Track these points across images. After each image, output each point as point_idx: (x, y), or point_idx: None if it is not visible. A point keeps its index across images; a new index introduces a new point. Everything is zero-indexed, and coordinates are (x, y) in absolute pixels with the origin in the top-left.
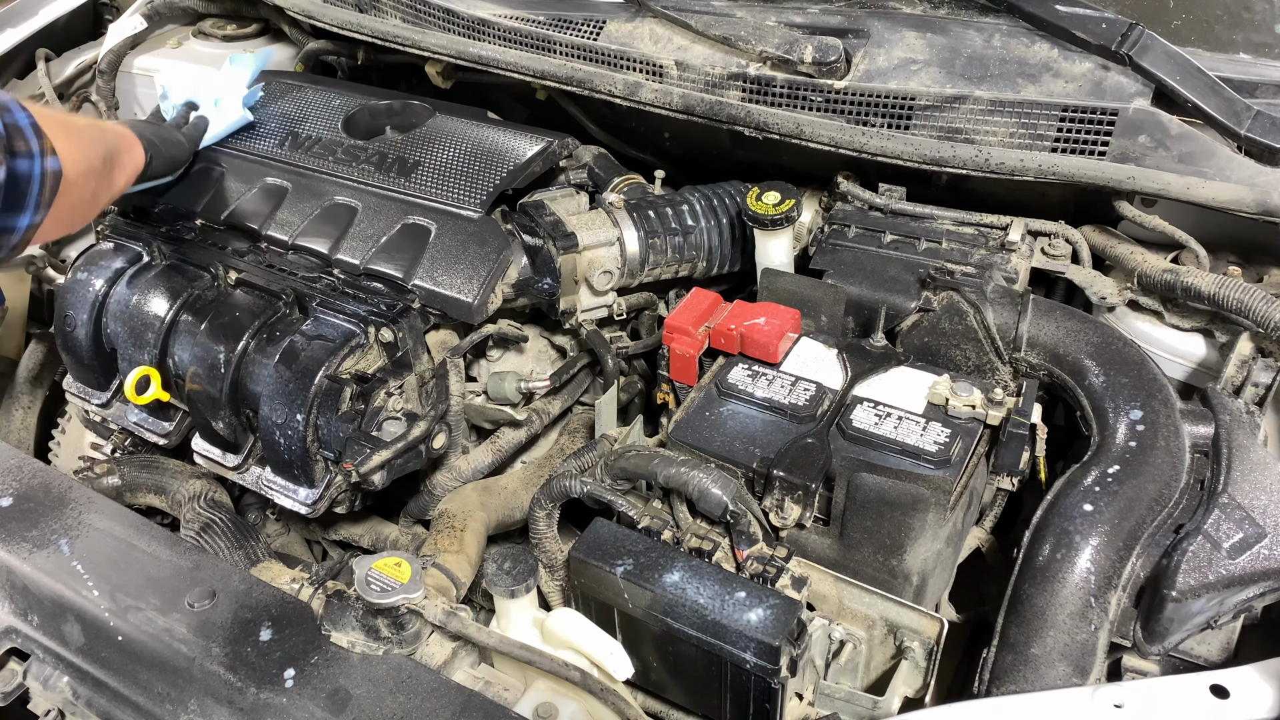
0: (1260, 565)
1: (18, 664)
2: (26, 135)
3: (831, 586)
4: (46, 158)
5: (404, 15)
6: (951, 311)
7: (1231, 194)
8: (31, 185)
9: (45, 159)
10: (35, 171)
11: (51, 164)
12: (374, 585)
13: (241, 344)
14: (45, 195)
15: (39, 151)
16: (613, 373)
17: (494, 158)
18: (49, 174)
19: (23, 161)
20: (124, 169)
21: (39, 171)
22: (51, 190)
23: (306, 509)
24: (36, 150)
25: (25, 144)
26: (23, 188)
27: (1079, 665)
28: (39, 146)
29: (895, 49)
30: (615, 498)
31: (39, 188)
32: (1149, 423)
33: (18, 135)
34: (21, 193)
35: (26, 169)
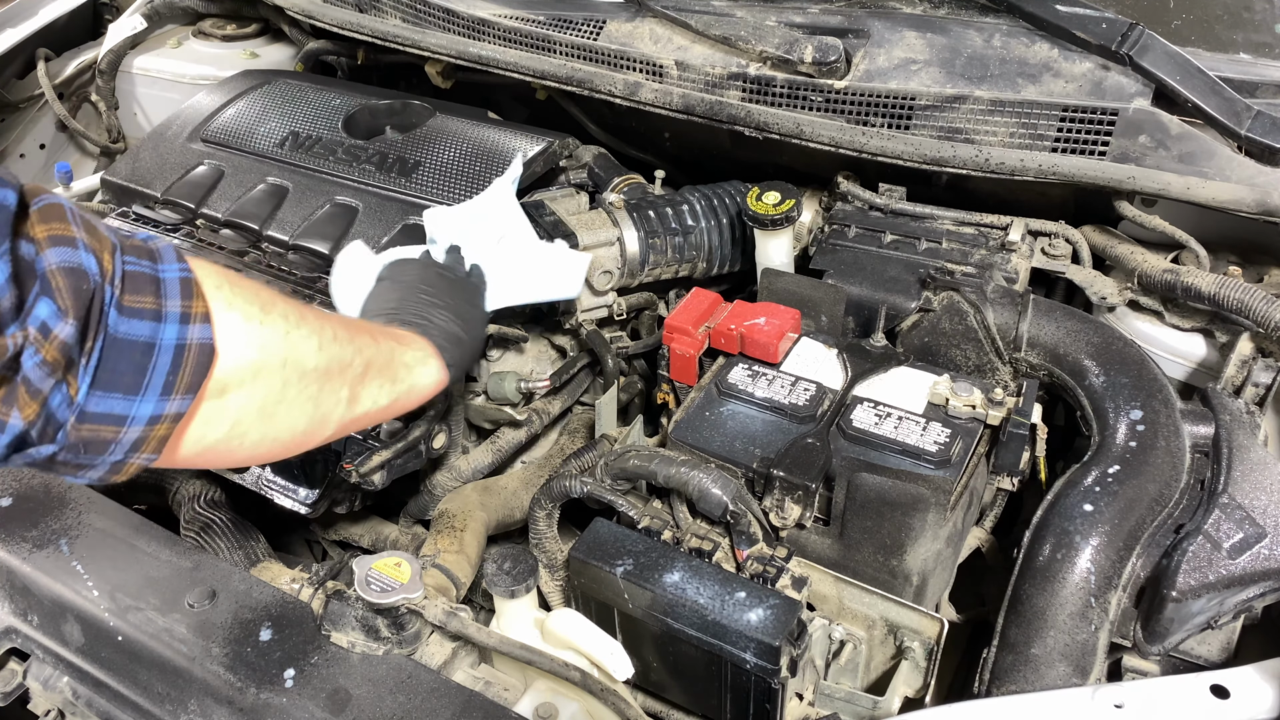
0: (1260, 565)
1: (18, 664)
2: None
3: (831, 586)
4: (191, 325)
5: (404, 15)
6: (951, 311)
7: (1231, 194)
8: (156, 358)
9: (189, 326)
10: (166, 340)
11: (197, 333)
12: (374, 585)
13: None
14: (184, 375)
15: (178, 315)
16: (613, 373)
17: (494, 158)
18: (192, 345)
19: (138, 324)
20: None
21: (174, 341)
22: (195, 370)
23: (306, 509)
24: (174, 313)
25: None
26: (139, 360)
27: (1079, 665)
28: (180, 309)
29: (895, 49)
30: (615, 498)
31: (172, 364)
32: (1149, 423)
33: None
34: (137, 367)
35: (146, 334)
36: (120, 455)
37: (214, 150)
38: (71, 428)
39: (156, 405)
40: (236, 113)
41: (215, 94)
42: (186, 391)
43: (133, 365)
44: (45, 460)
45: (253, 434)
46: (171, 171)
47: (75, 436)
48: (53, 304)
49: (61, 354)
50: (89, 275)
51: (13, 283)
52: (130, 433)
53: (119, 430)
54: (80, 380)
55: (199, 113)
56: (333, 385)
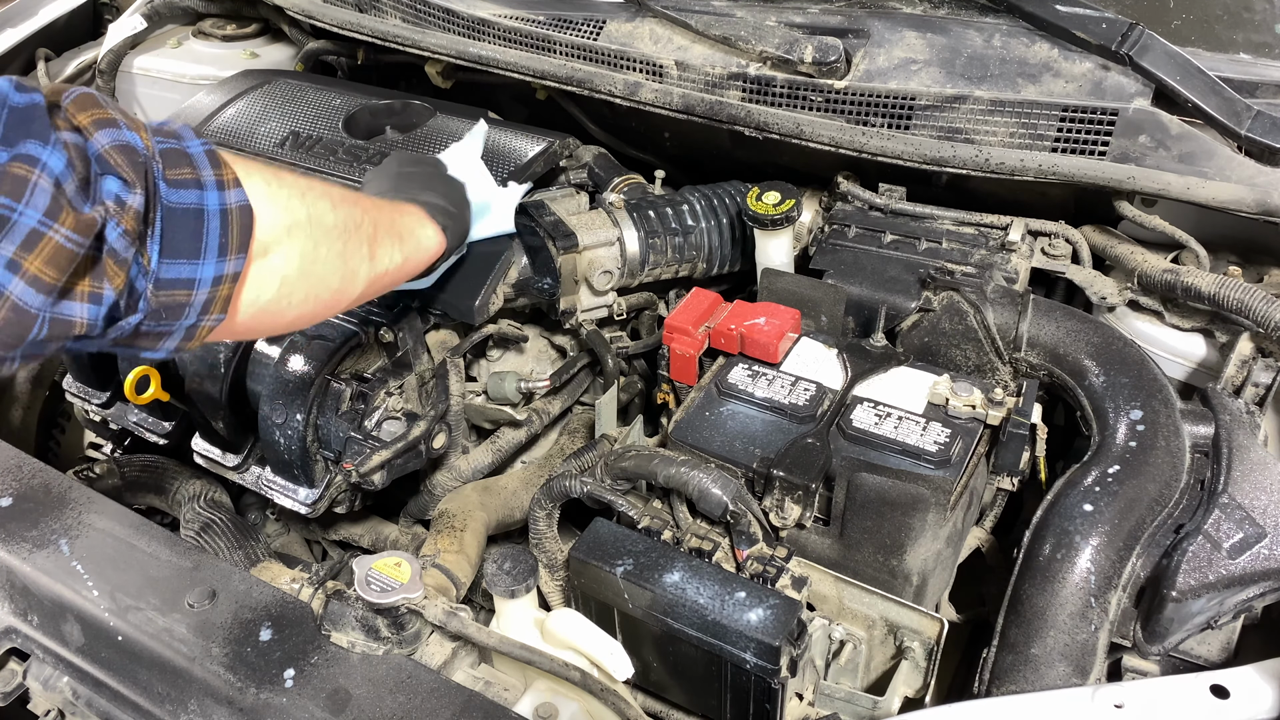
0: (1260, 565)
1: (18, 664)
2: (196, 162)
3: (831, 586)
4: (228, 190)
5: (404, 15)
6: (951, 311)
7: (1231, 194)
8: (207, 222)
9: (226, 191)
10: (211, 205)
11: (235, 197)
12: (374, 585)
13: (241, 344)
14: (234, 236)
15: (214, 182)
16: (613, 373)
17: (494, 158)
18: (233, 209)
19: (185, 193)
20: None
21: (217, 206)
22: (241, 229)
23: (306, 509)
24: (210, 180)
25: (191, 171)
26: (194, 226)
27: (1079, 665)
28: (215, 177)
29: (895, 49)
30: (615, 498)
31: (221, 226)
32: (1149, 423)
33: (180, 162)
34: (193, 232)
35: (194, 201)
36: (194, 318)
37: None
38: (151, 295)
39: (217, 266)
40: (236, 113)
41: (215, 94)
42: (239, 251)
43: (189, 231)
44: (131, 331)
45: (298, 291)
46: None
47: (155, 303)
48: (118, 179)
49: (136, 223)
50: (139, 150)
51: (72, 168)
52: (200, 295)
53: (190, 293)
54: (150, 249)
55: (199, 113)
56: (354, 241)
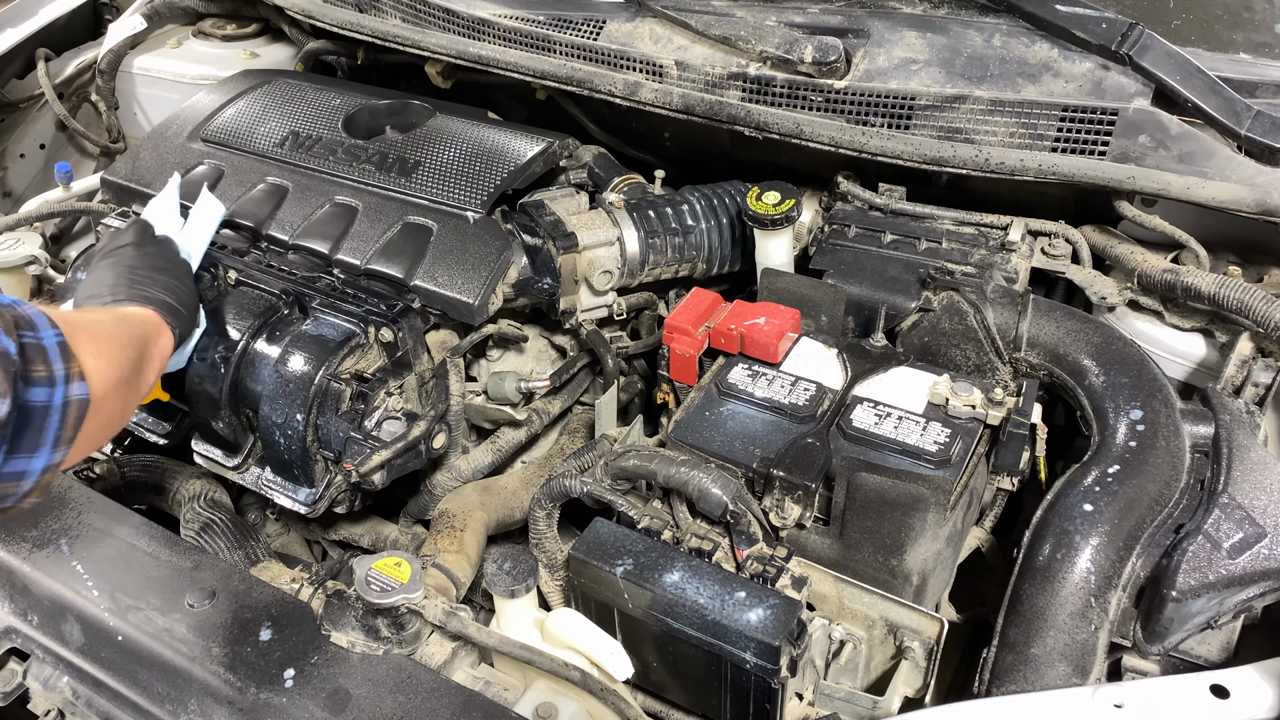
0: (1260, 565)
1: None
2: (50, 358)
3: (831, 586)
4: (72, 384)
5: (404, 15)
6: (951, 311)
7: (1231, 194)
8: (50, 419)
9: (70, 385)
10: (56, 402)
11: (77, 391)
12: (374, 585)
13: (241, 344)
14: (67, 430)
15: (63, 377)
16: (613, 373)
17: (494, 158)
18: (73, 404)
19: (40, 391)
20: (153, 362)
21: (60, 402)
22: (75, 423)
23: (306, 509)
24: (60, 376)
25: (46, 369)
26: (39, 423)
27: (1079, 665)
28: (64, 371)
29: (895, 49)
30: (615, 498)
31: (59, 421)
32: (1149, 423)
33: (38, 358)
34: (38, 429)
35: (44, 400)
36: (10, 504)
37: (214, 150)
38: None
39: (49, 457)
40: (236, 112)
41: (215, 94)
42: (69, 442)
43: (35, 428)
44: None
45: (91, 446)
46: (171, 171)
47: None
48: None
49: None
50: (11, 358)
51: None
52: (26, 484)
53: (18, 484)
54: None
55: (199, 112)
56: (134, 384)
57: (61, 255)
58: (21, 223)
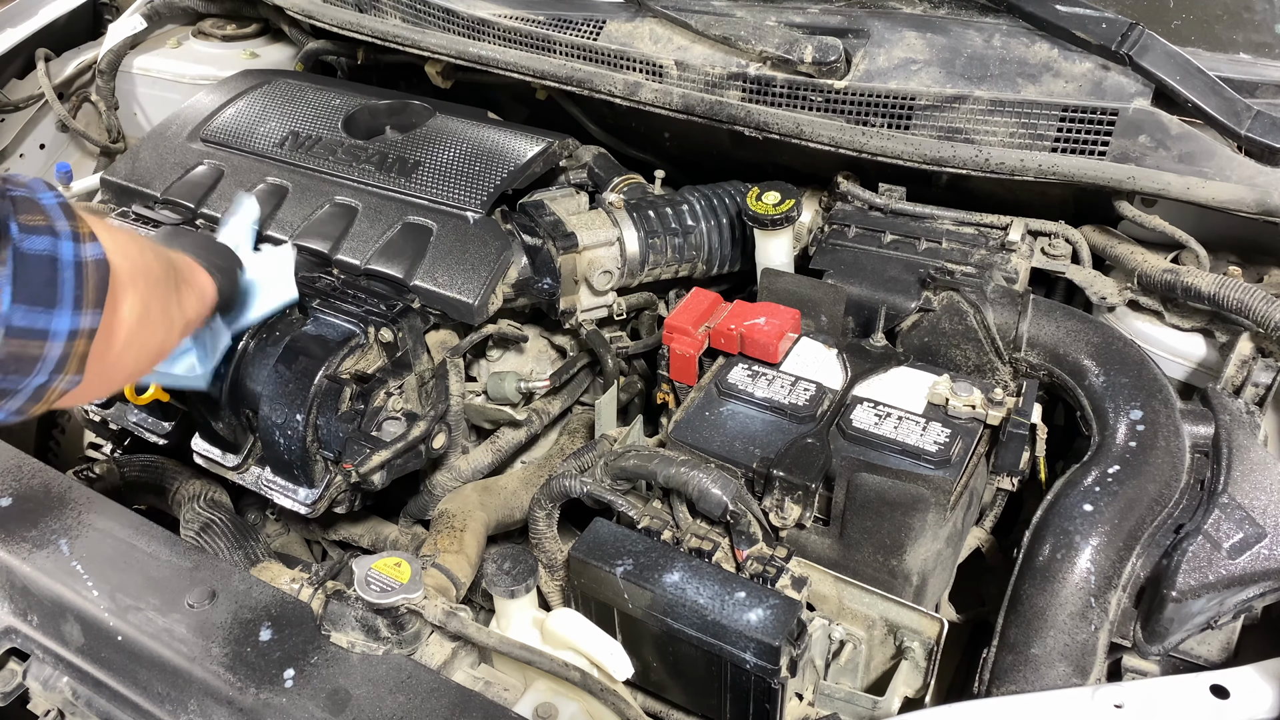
0: (1260, 565)
1: (18, 664)
2: (49, 213)
3: (831, 586)
4: (84, 244)
5: (404, 15)
6: (951, 311)
7: (1231, 194)
8: (62, 272)
9: (82, 245)
10: (65, 255)
11: (92, 251)
12: (374, 585)
13: (241, 344)
14: (89, 290)
15: (69, 233)
16: (613, 373)
17: (494, 158)
18: (89, 263)
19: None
20: (193, 291)
21: (72, 257)
22: (98, 283)
23: (306, 509)
24: (66, 231)
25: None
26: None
27: (1079, 665)
28: (70, 228)
29: (895, 49)
30: (615, 498)
31: (76, 278)
32: (1149, 423)
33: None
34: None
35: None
36: (45, 376)
37: (214, 150)
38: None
39: (73, 319)
40: (236, 112)
41: (215, 94)
42: (95, 306)
43: (43, 278)
44: None
45: (135, 344)
46: (171, 171)
47: (4, 352)
48: None
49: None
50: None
51: None
52: (54, 349)
53: (43, 346)
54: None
55: (199, 113)
56: (172, 292)
57: None
58: None
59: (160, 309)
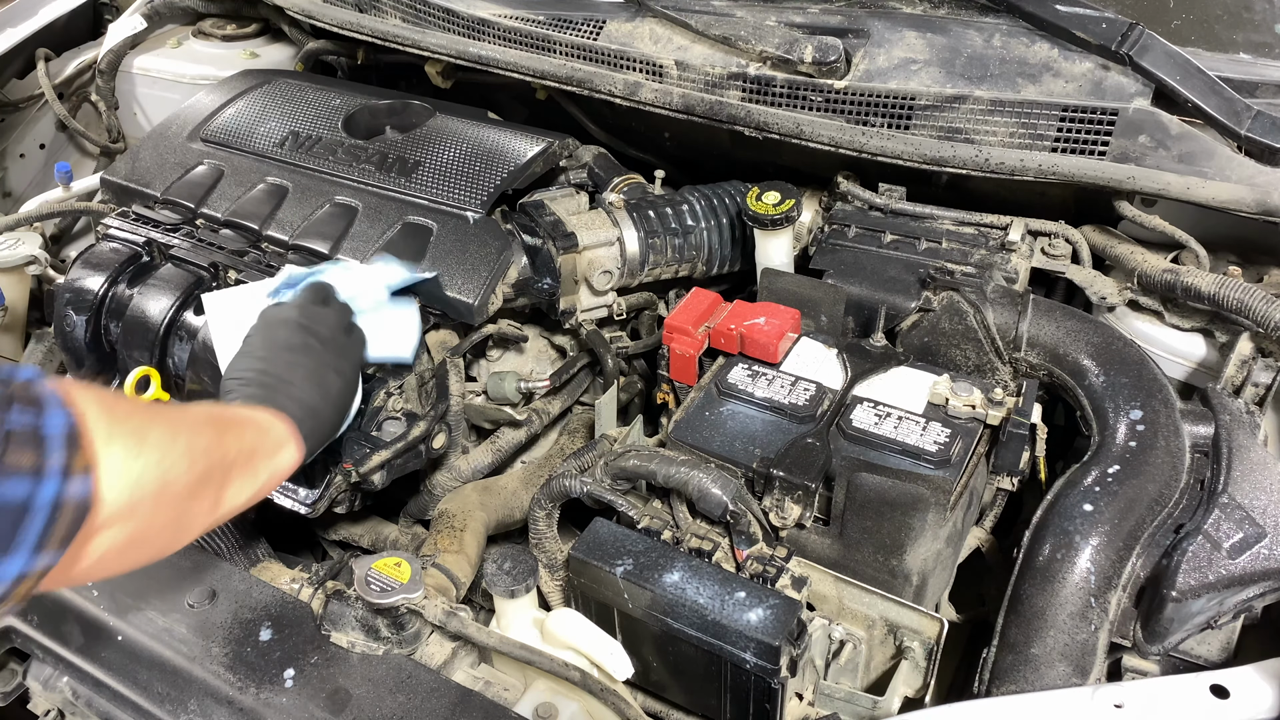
0: (1260, 565)
1: (18, 664)
2: (45, 446)
3: (831, 586)
4: (71, 480)
5: (404, 15)
6: (951, 311)
7: (1231, 194)
8: (30, 518)
9: (68, 481)
10: (41, 499)
11: (76, 489)
12: (374, 585)
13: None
14: (56, 533)
15: (58, 470)
16: (613, 373)
17: (494, 158)
18: (68, 505)
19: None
20: (253, 479)
21: (49, 500)
22: (70, 526)
23: (306, 509)
24: (55, 468)
25: (33, 458)
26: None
27: (1079, 665)
28: (61, 463)
29: (895, 49)
30: (615, 498)
31: (45, 522)
32: (1149, 423)
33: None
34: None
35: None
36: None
37: (214, 150)
38: None
39: (26, 563)
40: (236, 112)
41: (215, 94)
42: (59, 546)
43: (6, 525)
44: None
45: (116, 563)
46: (171, 171)
47: None
48: None
49: None
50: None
51: None
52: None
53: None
54: None
55: (199, 112)
56: (200, 498)
57: (61, 255)
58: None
59: (168, 524)
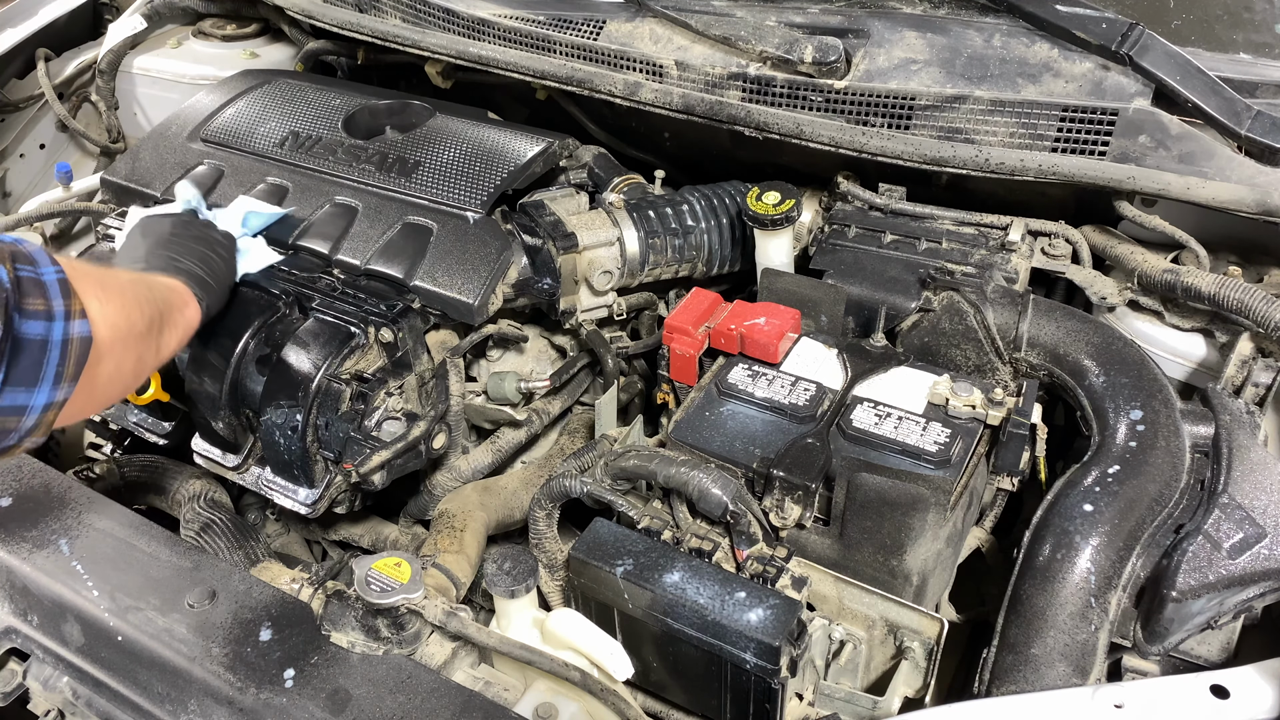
0: (1260, 565)
1: (18, 664)
2: (49, 293)
3: (831, 586)
4: (73, 321)
5: (404, 15)
6: (951, 311)
7: (1231, 194)
8: (49, 353)
9: (71, 322)
10: (55, 337)
11: (79, 328)
12: (374, 585)
13: (241, 344)
14: (69, 367)
15: (62, 313)
16: (613, 373)
17: (494, 158)
18: (75, 341)
19: (36, 324)
20: (175, 329)
21: (60, 337)
22: (78, 360)
23: (306, 509)
24: (60, 311)
25: (44, 303)
26: (36, 357)
27: (1079, 665)
28: (64, 307)
29: (895, 49)
30: (615, 498)
31: (60, 357)
32: (1149, 423)
33: (34, 292)
34: (36, 363)
35: (41, 333)
36: (14, 440)
37: (214, 150)
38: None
39: (50, 394)
40: (236, 112)
41: (215, 94)
42: (72, 379)
43: (33, 361)
44: None
45: (103, 397)
46: (171, 171)
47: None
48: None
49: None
50: (3, 286)
51: None
52: (28, 420)
53: (19, 420)
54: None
55: (199, 112)
56: (150, 341)
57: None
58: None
59: (134, 362)
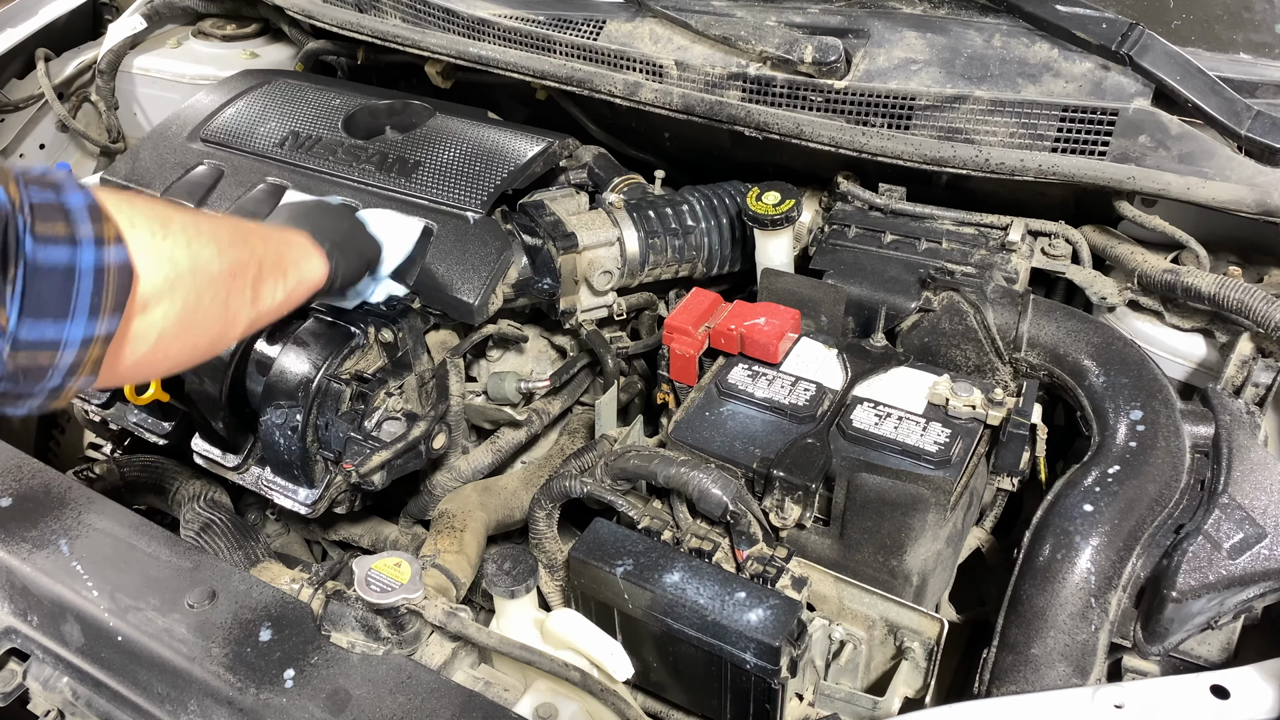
0: (1260, 565)
1: (18, 664)
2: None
3: (831, 587)
4: (107, 247)
5: (404, 15)
6: (951, 311)
7: (1231, 194)
8: (79, 281)
9: (105, 249)
10: (84, 264)
11: (114, 256)
12: (374, 585)
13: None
14: (109, 295)
15: (90, 239)
16: (613, 373)
17: (494, 158)
18: (111, 267)
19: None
20: (283, 280)
21: (92, 264)
22: (119, 288)
23: (306, 509)
24: (87, 237)
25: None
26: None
27: (1079, 665)
28: (93, 233)
29: (895, 49)
30: (615, 498)
31: (95, 286)
32: (1149, 423)
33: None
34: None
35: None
36: (58, 380)
37: (214, 150)
38: (8, 356)
39: (87, 327)
40: (236, 112)
41: (215, 94)
42: (113, 311)
43: (56, 290)
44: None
45: (175, 343)
46: (171, 171)
47: (13, 365)
48: None
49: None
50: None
51: None
52: (65, 357)
53: (54, 355)
54: (9, 309)
55: (199, 112)
56: (238, 286)
57: None
58: None
59: (212, 307)
